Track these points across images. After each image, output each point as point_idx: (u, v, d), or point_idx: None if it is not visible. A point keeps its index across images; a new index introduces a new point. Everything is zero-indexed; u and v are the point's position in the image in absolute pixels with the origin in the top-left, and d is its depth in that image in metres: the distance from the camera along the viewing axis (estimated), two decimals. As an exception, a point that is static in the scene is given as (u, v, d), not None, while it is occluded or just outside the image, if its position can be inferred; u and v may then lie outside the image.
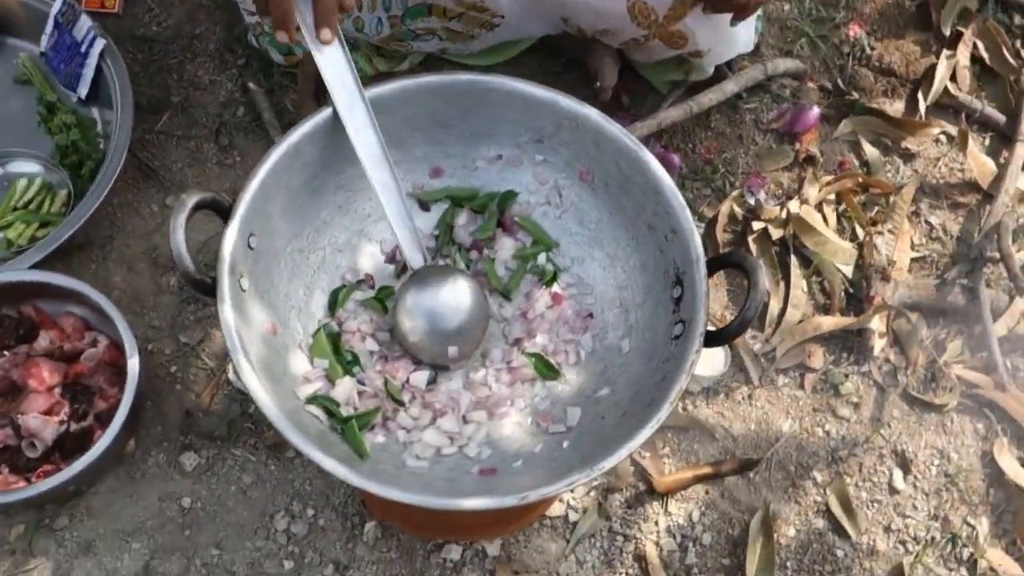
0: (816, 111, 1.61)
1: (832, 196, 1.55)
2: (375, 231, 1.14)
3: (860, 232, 1.53)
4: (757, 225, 1.50)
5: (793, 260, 1.49)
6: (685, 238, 1.01)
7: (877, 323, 1.44)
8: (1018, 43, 1.72)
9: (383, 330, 1.10)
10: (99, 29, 1.50)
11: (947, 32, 1.69)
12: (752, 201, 1.53)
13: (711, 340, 0.97)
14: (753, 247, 1.49)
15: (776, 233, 1.50)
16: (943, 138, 1.64)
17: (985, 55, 1.69)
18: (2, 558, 1.24)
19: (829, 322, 1.45)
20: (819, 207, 1.53)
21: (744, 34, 1.50)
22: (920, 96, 1.65)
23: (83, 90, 1.52)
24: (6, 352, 1.29)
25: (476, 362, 1.10)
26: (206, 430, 1.33)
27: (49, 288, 1.31)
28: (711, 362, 1.38)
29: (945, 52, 1.67)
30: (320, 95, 1.59)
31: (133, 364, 1.25)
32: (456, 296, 1.06)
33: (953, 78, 1.66)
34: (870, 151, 1.60)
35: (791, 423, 1.40)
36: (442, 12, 1.42)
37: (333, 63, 1.01)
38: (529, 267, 1.14)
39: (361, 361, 1.07)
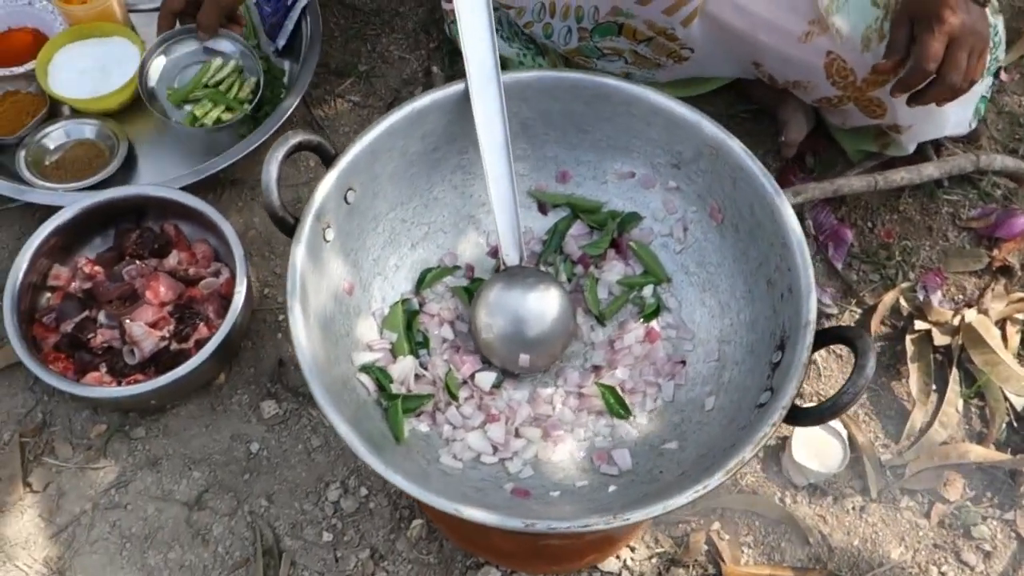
0: (1027, 219, 1.41)
1: (1021, 316, 1.35)
2: (486, 221, 1.09)
3: (1045, 364, 1.32)
4: (921, 325, 1.33)
5: (954, 374, 1.31)
6: (799, 299, 0.89)
7: (1037, 469, 1.24)
8: None
9: (463, 320, 1.05)
10: (308, -13, 1.56)
11: None
12: (922, 298, 1.36)
13: (796, 417, 0.84)
14: (910, 348, 1.32)
15: (941, 340, 1.32)
16: None
17: None
18: (79, 451, 1.28)
19: (979, 452, 1.26)
20: (1001, 324, 1.34)
21: (957, 115, 1.34)
22: None
23: (281, 41, 1.59)
24: (138, 261, 1.35)
25: (548, 378, 1.03)
26: (293, 383, 1.33)
27: (191, 212, 1.36)
28: (824, 457, 1.23)
29: None
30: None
31: (237, 299, 1.27)
32: (542, 304, 0.99)
33: None
34: (1082, 278, 1.39)
35: (903, 552, 1.22)
36: (632, 33, 1.37)
37: (476, 38, 0.98)
38: (632, 296, 1.06)
39: (431, 345, 1.03)
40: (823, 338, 0.88)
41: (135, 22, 1.63)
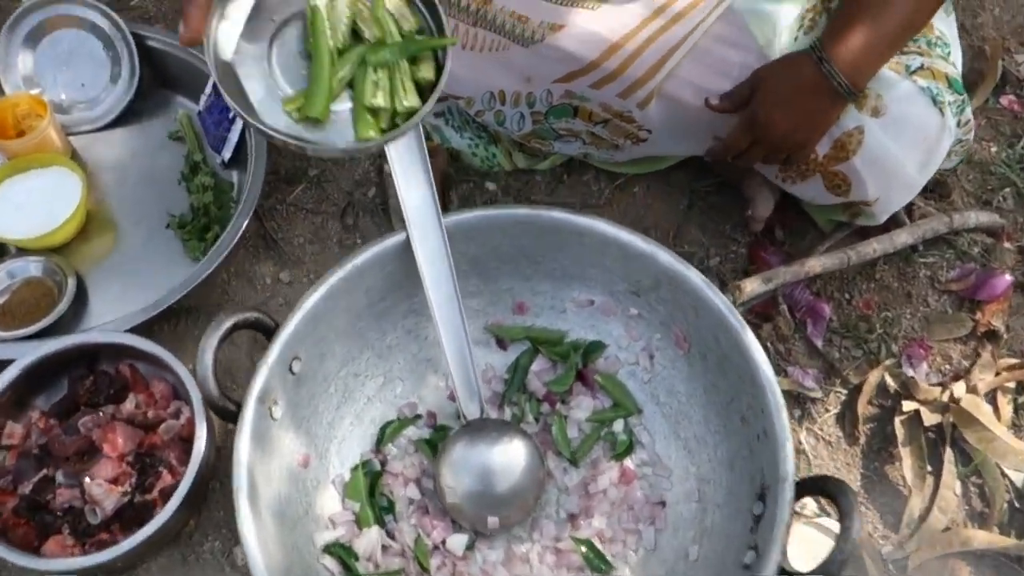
0: (1008, 279, 1.37)
1: (1011, 384, 1.30)
2: (445, 362, 1.04)
3: (1041, 433, 1.28)
4: (908, 405, 1.28)
5: (948, 454, 1.26)
6: (775, 447, 0.84)
7: (1043, 551, 1.19)
8: None
9: (429, 476, 1.00)
10: (249, 97, 1.51)
11: None
12: (910, 374, 1.32)
13: (783, 582, 0.80)
14: (900, 431, 1.27)
15: (931, 418, 1.27)
16: None
17: None
18: (47, 618, 1.23)
19: (982, 538, 1.21)
20: (992, 395, 1.29)
21: (923, 176, 1.28)
22: None
23: (227, 154, 1.54)
24: (93, 410, 1.30)
25: (523, 531, 0.98)
26: (264, 525, 1.28)
27: (145, 353, 1.31)
28: (816, 555, 1.17)
29: None
30: (446, 191, 1.54)
31: (199, 444, 1.22)
32: (508, 460, 0.94)
33: None
34: (1071, 336, 1.35)
35: (912, 652, 1.17)
36: (587, 115, 1.32)
37: (412, 188, 0.93)
38: (603, 433, 1.01)
39: (396, 509, 0.98)
40: (804, 489, 0.83)
41: (76, 145, 1.58)
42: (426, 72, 0.89)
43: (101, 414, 1.30)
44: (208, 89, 1.56)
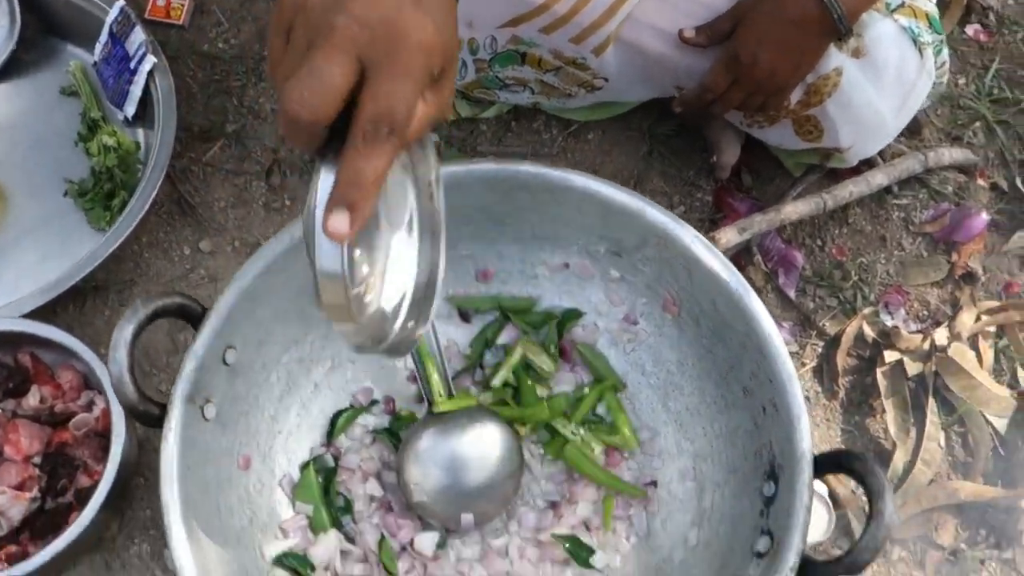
0: (984, 217, 1.30)
1: (992, 329, 1.24)
2: (401, 340, 0.92)
3: (1024, 378, 1.22)
4: (890, 356, 1.21)
5: (931, 404, 1.19)
6: (789, 421, 0.75)
7: (1033, 502, 1.14)
8: None
9: (391, 469, 0.88)
10: (152, 45, 1.33)
11: None
12: (889, 323, 1.24)
13: (805, 574, 0.71)
14: (882, 382, 1.20)
15: (913, 368, 1.21)
16: None
17: None
18: (-47, 645, 1.08)
19: (968, 489, 1.15)
20: (973, 340, 1.23)
21: (898, 121, 1.20)
22: (1122, 209, 1.32)
23: (129, 109, 1.36)
24: (-9, 407, 1.14)
25: (499, 523, 0.87)
26: (199, 524, 1.14)
27: (46, 339, 1.15)
28: (811, 525, 1.10)
29: None
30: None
31: (117, 443, 1.07)
32: (482, 447, 0.83)
33: None
34: (1047, 272, 1.29)
35: (904, 614, 1.11)
36: (536, 62, 1.20)
37: None
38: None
39: (355, 508, 0.86)
40: (820, 467, 0.74)
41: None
42: None
43: (1, 411, 1.15)
44: (104, 36, 1.38)
